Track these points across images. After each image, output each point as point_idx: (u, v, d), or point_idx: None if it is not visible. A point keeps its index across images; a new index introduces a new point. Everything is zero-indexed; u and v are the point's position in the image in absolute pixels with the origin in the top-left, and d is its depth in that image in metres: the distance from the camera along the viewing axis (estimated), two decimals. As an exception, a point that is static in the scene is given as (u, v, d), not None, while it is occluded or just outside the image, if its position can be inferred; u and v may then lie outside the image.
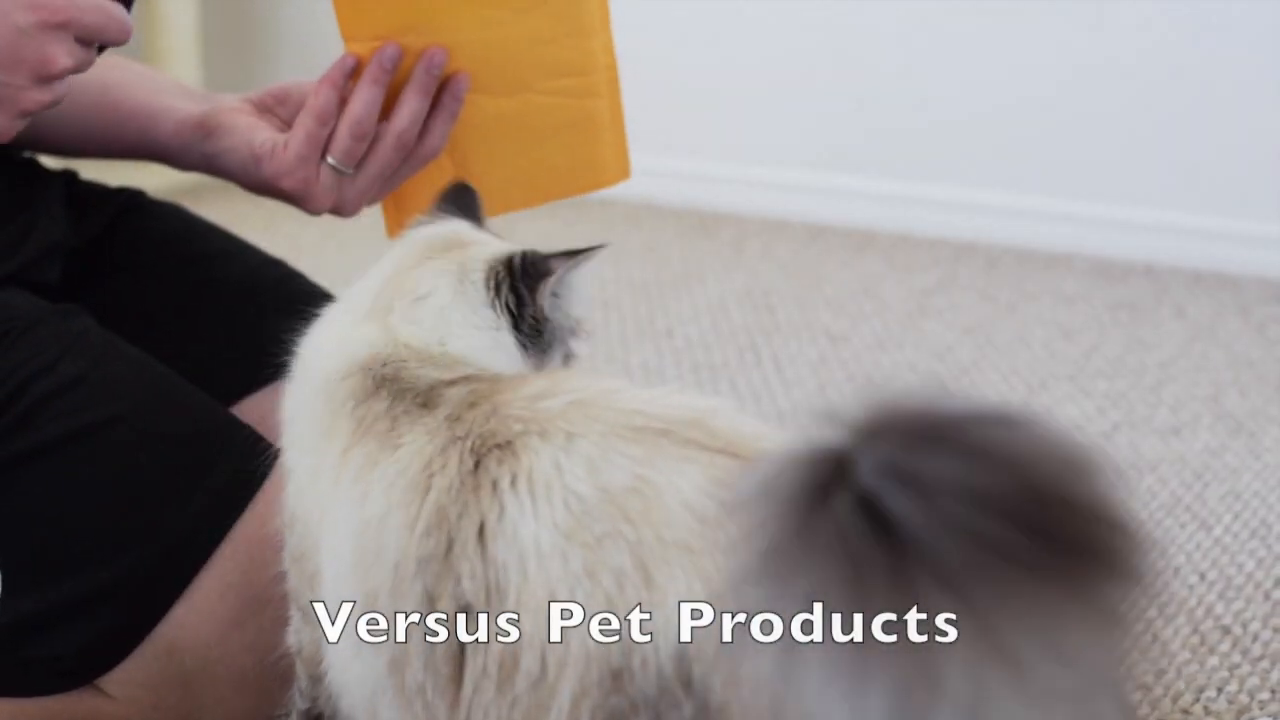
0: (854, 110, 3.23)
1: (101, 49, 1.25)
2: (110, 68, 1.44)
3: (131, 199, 1.53)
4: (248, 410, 1.48)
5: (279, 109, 1.42)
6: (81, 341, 1.29)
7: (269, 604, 1.23)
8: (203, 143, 1.41)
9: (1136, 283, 2.75)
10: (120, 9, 1.23)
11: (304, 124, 1.35)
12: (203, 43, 3.60)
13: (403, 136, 1.34)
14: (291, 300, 1.53)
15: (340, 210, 1.39)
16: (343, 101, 1.33)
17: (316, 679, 1.10)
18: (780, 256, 2.92)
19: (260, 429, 1.32)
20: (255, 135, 1.38)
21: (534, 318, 1.11)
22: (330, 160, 1.35)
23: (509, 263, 1.12)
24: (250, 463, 1.27)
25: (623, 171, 1.41)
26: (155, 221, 1.55)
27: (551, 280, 1.12)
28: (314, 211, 1.39)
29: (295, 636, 1.12)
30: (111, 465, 1.24)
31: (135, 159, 1.47)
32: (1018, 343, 2.45)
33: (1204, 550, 1.75)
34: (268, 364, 1.52)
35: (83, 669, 1.23)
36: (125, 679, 1.23)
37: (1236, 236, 2.84)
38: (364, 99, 1.33)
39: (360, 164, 1.36)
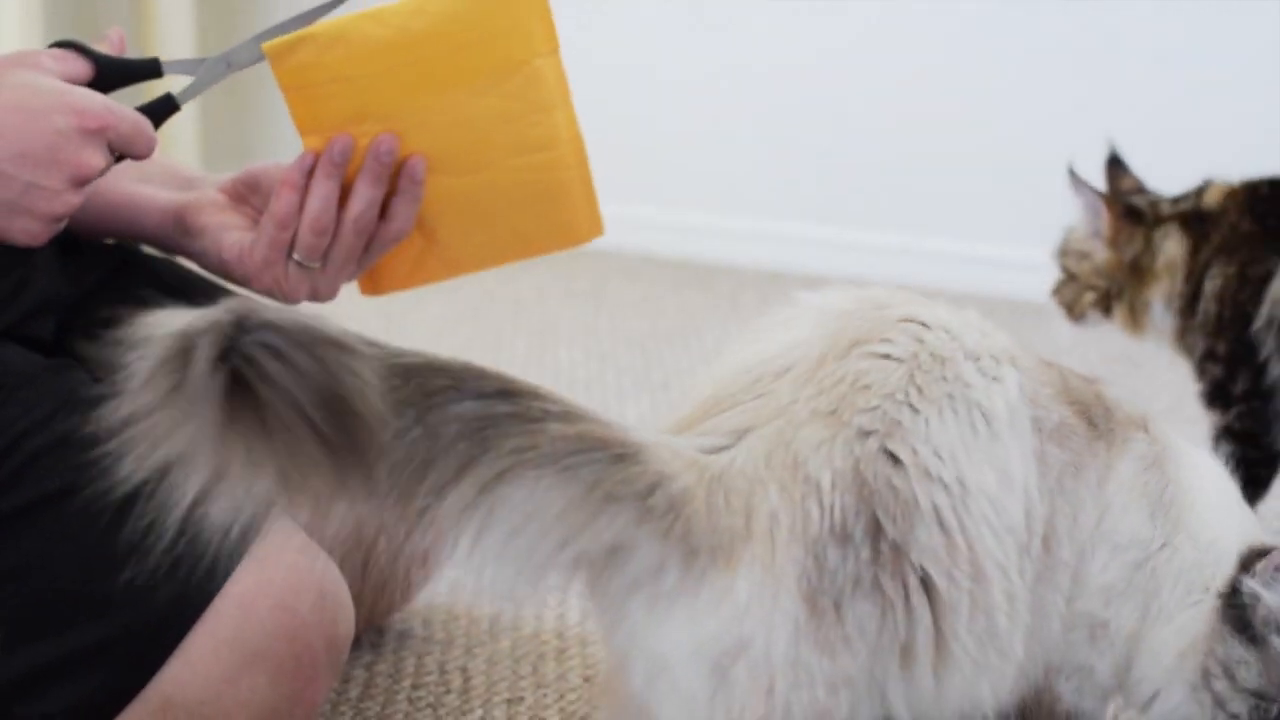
0: (851, 164, 3.24)
1: (119, 159, 1.28)
2: None
3: (128, 254, 1.53)
4: (242, 465, 1.48)
5: (252, 198, 1.43)
6: (75, 397, 1.29)
7: (264, 659, 1.23)
8: (181, 238, 1.42)
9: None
10: (148, 124, 1.28)
11: (266, 230, 1.36)
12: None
13: (359, 223, 1.34)
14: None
15: (317, 297, 1.39)
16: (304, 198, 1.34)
17: None
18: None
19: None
20: (225, 237, 1.39)
21: None
22: (296, 258, 1.36)
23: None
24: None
25: (594, 228, 1.39)
26: (151, 276, 1.55)
27: None
28: (290, 303, 1.38)
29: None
30: (104, 522, 1.23)
31: (126, 241, 1.48)
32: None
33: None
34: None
35: (74, 726, 1.22)
36: (118, 736, 1.22)
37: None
38: (319, 195, 1.33)
39: (326, 255, 1.36)
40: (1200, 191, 1.84)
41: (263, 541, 1.25)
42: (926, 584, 1.07)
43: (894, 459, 1.06)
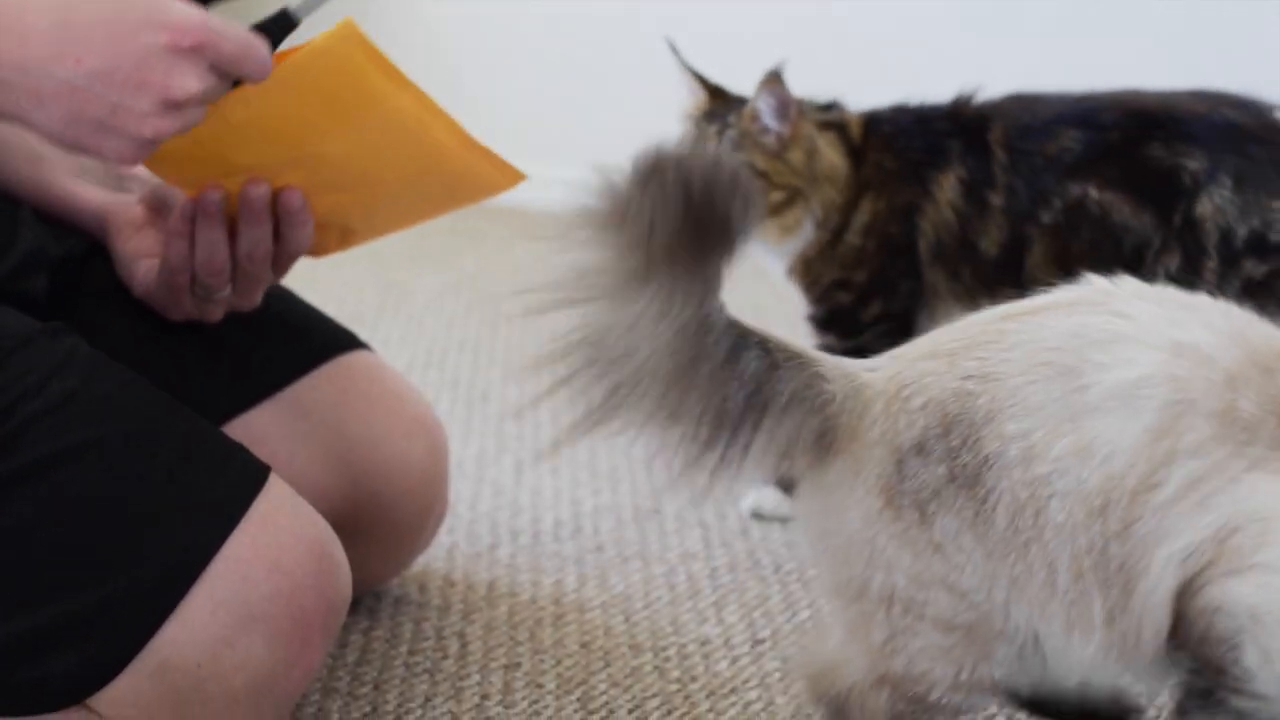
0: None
1: (237, 84, 1.21)
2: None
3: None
4: (238, 429, 1.48)
5: (159, 219, 1.42)
6: (70, 360, 1.28)
7: (260, 622, 1.22)
8: (106, 239, 1.43)
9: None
10: (262, 45, 1.19)
11: (163, 275, 1.38)
12: None
13: (253, 257, 1.35)
14: (285, 318, 1.54)
15: (239, 310, 1.41)
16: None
17: None
18: (772, 275, 2.92)
19: (251, 447, 1.31)
20: (136, 268, 1.42)
21: None
22: (199, 294, 1.38)
23: None
24: (242, 481, 1.26)
25: (510, 176, 1.36)
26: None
27: None
28: (213, 322, 1.43)
29: None
30: (101, 484, 1.23)
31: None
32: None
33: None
34: (258, 383, 1.52)
35: (73, 689, 1.22)
36: (116, 698, 1.22)
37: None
38: (204, 243, 1.34)
39: (232, 283, 1.38)
40: (844, 122, 1.87)
41: (259, 504, 1.25)
42: (991, 520, 1.14)
43: (978, 401, 1.15)
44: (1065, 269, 1.75)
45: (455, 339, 2.64)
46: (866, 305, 1.84)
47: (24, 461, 1.22)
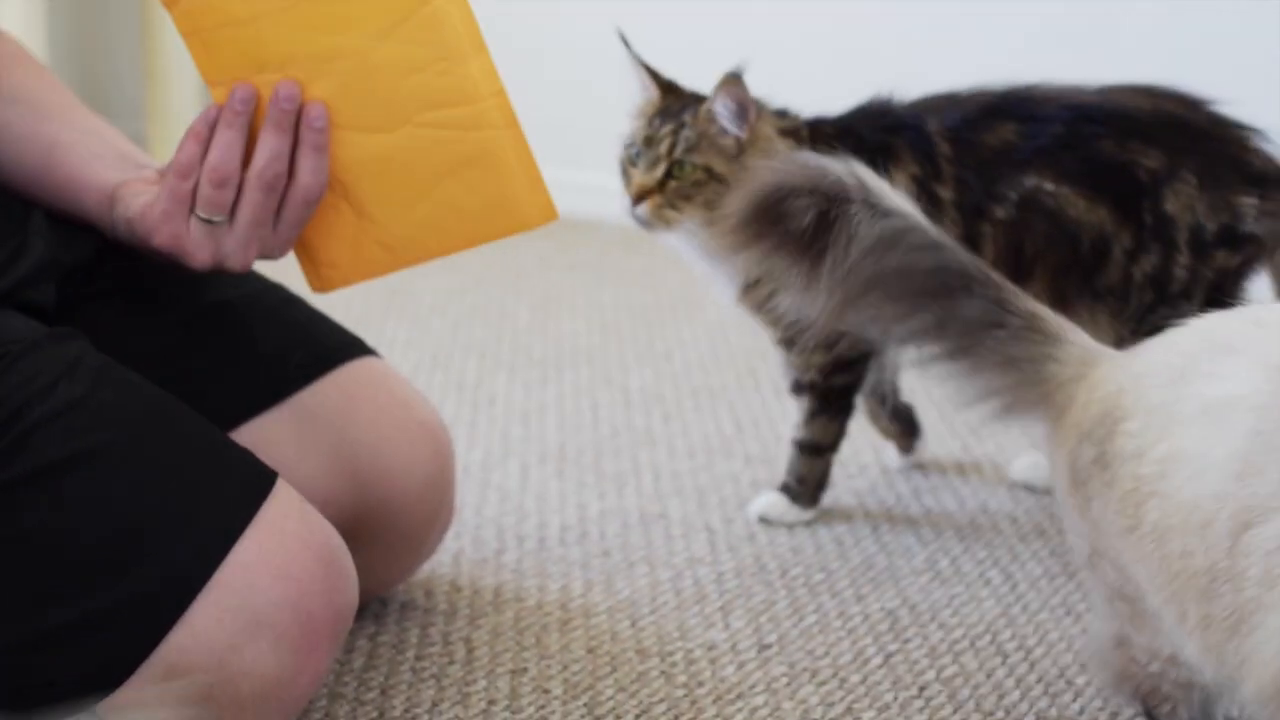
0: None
1: None
2: (61, 123, 1.43)
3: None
4: (246, 435, 1.48)
5: None
6: (78, 365, 1.28)
7: (268, 628, 1.22)
8: (110, 213, 1.39)
9: None
10: None
11: (167, 180, 1.33)
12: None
13: (264, 176, 1.31)
14: (293, 325, 1.54)
15: (225, 262, 1.35)
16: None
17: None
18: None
19: (259, 453, 1.31)
20: (138, 199, 1.36)
21: None
22: (199, 213, 1.33)
23: None
24: (249, 487, 1.26)
25: (545, 212, 1.33)
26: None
27: None
28: (196, 267, 1.35)
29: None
30: (108, 489, 1.23)
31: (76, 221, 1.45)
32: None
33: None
34: (267, 389, 1.52)
35: (80, 694, 1.22)
36: (123, 704, 1.22)
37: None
38: (220, 144, 1.31)
39: (232, 213, 1.33)
40: (798, 129, 1.82)
41: (266, 510, 1.25)
42: (1117, 506, 1.20)
43: (1124, 399, 1.21)
44: (1019, 267, 1.76)
45: (461, 342, 2.64)
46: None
47: (31, 466, 1.22)
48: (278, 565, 1.23)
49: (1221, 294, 1.77)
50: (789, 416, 1.90)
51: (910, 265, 1.29)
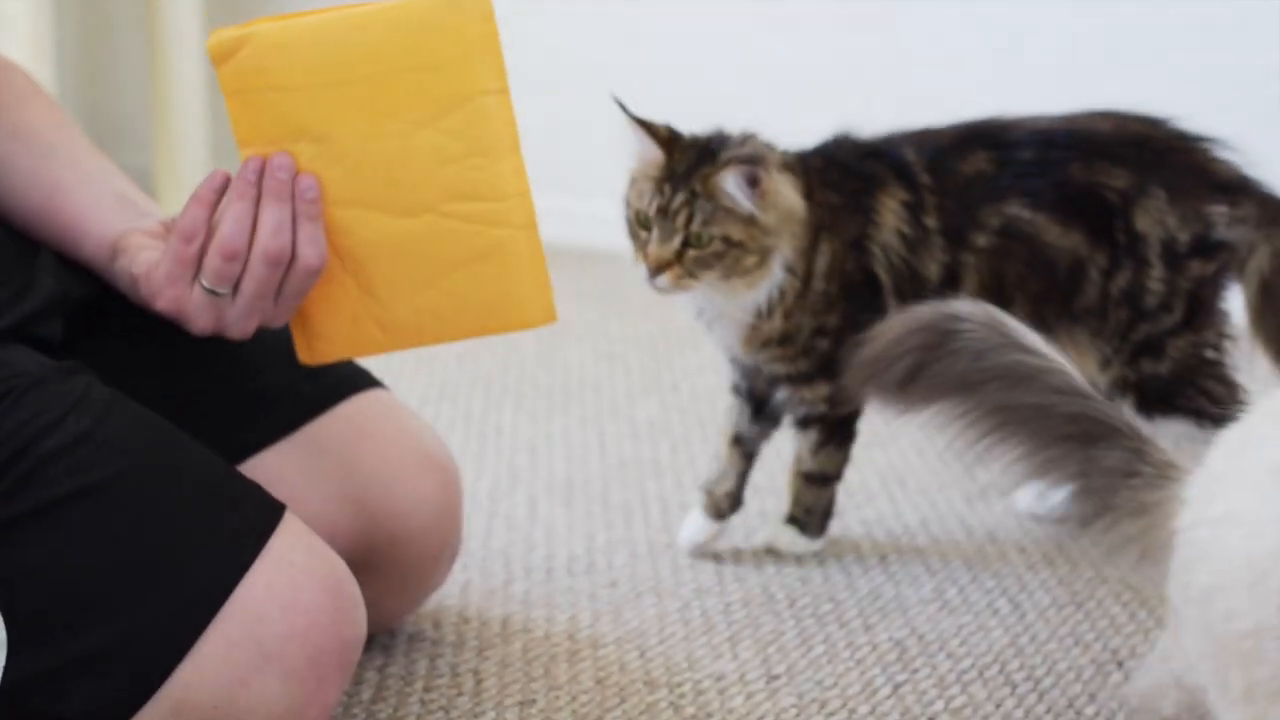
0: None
1: None
2: (65, 163, 1.43)
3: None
4: (254, 468, 1.48)
5: None
6: (86, 399, 1.29)
7: (276, 661, 1.22)
8: (111, 265, 1.39)
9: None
10: None
11: (171, 244, 1.31)
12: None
13: (269, 251, 1.29)
14: (297, 359, 1.54)
15: (226, 332, 1.34)
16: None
17: None
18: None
19: (267, 487, 1.31)
20: (141, 255, 1.35)
21: None
22: (203, 282, 1.31)
23: None
24: (257, 520, 1.26)
25: (546, 313, 1.34)
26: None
27: None
28: (195, 332, 1.34)
29: None
30: (117, 523, 1.23)
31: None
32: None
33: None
34: (274, 421, 1.53)
35: (87, 728, 1.22)
36: (131, 739, 1.22)
37: None
38: (230, 216, 1.29)
39: (236, 285, 1.31)
40: (794, 163, 1.79)
41: (274, 543, 1.25)
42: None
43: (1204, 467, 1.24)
44: (999, 298, 1.77)
45: (468, 373, 2.64)
46: (842, 346, 1.78)
47: (39, 500, 1.22)
48: (286, 598, 1.24)
49: (1200, 303, 1.80)
50: (795, 446, 1.90)
51: (1050, 407, 1.31)
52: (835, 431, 1.86)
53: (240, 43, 1.26)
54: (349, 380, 1.57)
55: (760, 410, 1.88)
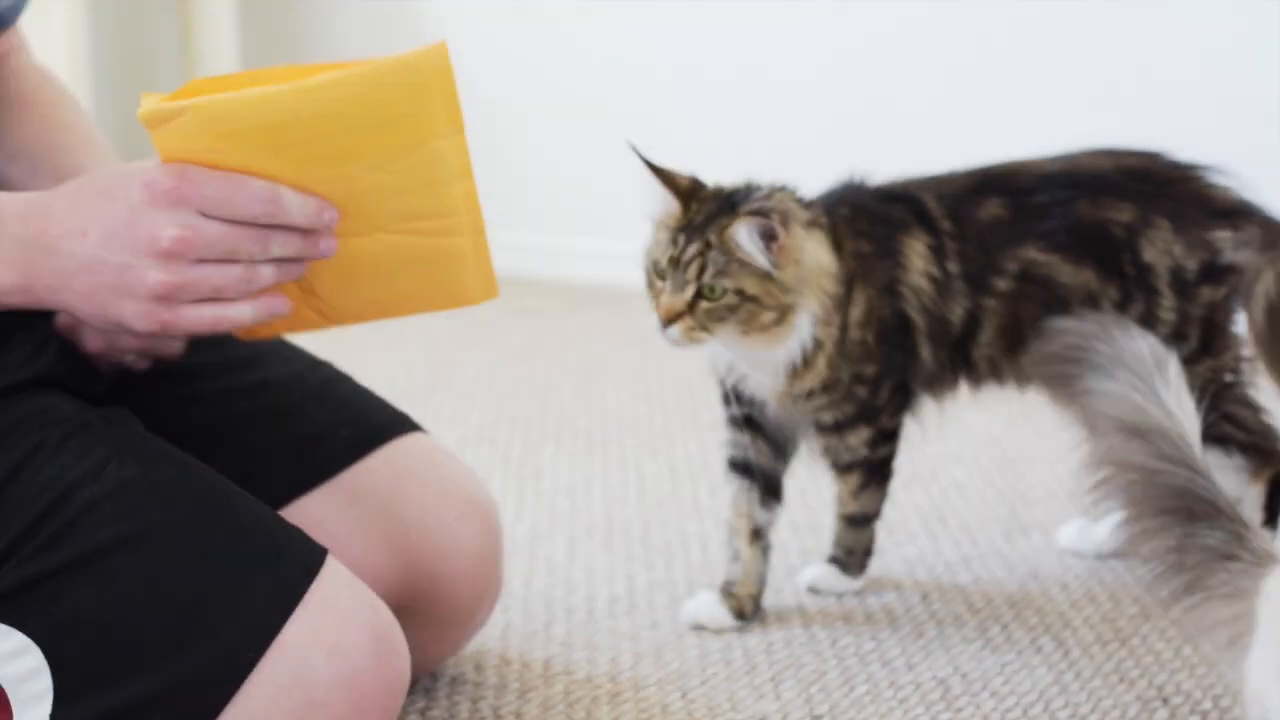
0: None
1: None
2: (74, 151, 1.47)
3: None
4: (295, 513, 1.48)
5: None
6: (128, 446, 1.29)
7: (321, 707, 1.23)
8: None
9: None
10: (252, 183, 1.23)
11: None
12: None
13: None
14: (340, 402, 1.54)
15: (117, 355, 1.39)
16: None
17: None
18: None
19: (309, 531, 1.32)
20: None
21: None
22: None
23: None
24: (300, 565, 1.27)
25: (487, 290, 1.35)
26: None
27: None
28: (86, 349, 1.38)
29: None
30: (159, 570, 1.24)
31: None
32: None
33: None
34: (315, 467, 1.53)
35: (134, 777, 1.23)
36: (177, 787, 1.22)
37: None
38: None
39: None
40: (820, 218, 1.77)
41: (317, 588, 1.26)
42: None
43: None
44: (1015, 341, 1.79)
45: (506, 415, 2.65)
46: (879, 391, 1.81)
47: (81, 548, 1.23)
48: (330, 643, 1.24)
49: (1215, 328, 1.81)
50: (831, 486, 1.89)
51: (1157, 474, 1.33)
52: (875, 473, 1.86)
53: (175, 114, 1.22)
54: (390, 425, 1.57)
55: (767, 487, 1.84)
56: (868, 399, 1.80)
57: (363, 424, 1.55)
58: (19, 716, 1.21)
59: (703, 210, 1.71)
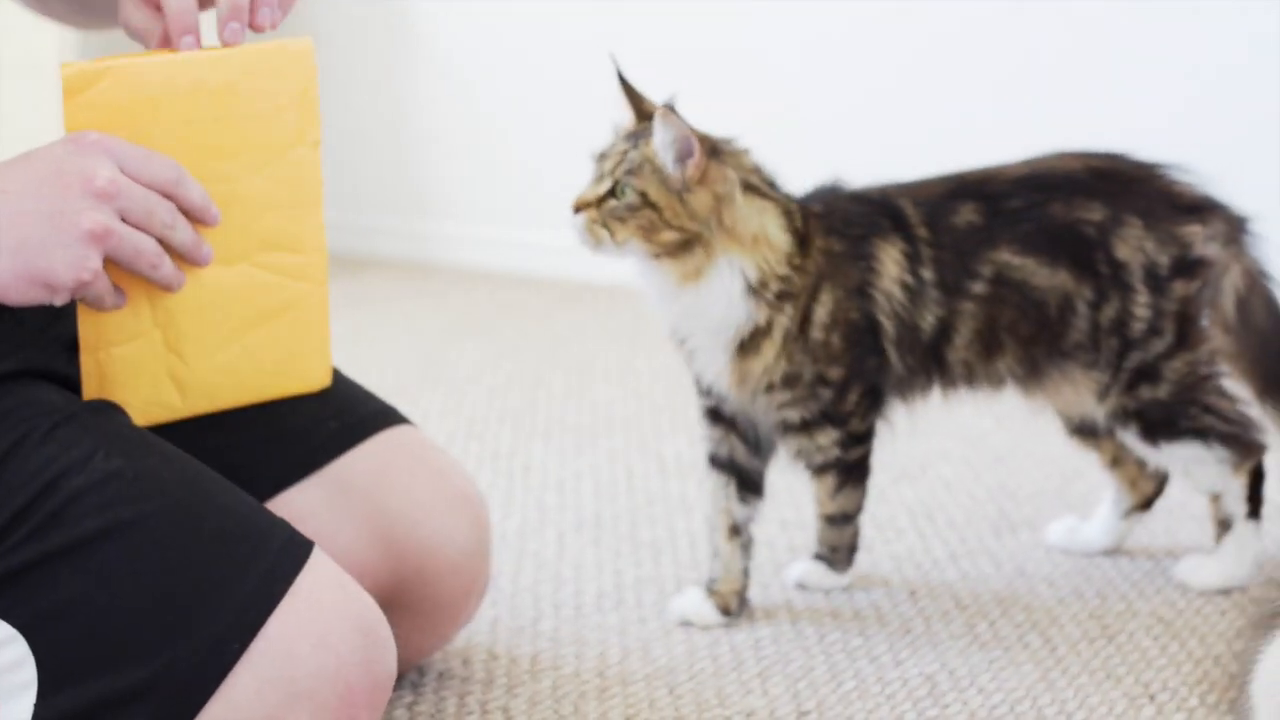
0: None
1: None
2: None
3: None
4: (282, 505, 1.48)
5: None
6: (116, 436, 1.29)
7: (306, 699, 1.22)
8: None
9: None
10: (163, 155, 1.25)
11: None
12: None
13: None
14: (327, 394, 1.54)
15: None
16: None
17: None
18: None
19: (295, 524, 1.31)
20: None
21: None
22: None
23: None
24: (286, 557, 1.26)
25: (324, 377, 1.41)
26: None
27: None
28: None
29: None
30: (146, 561, 1.23)
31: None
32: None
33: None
34: (302, 459, 1.53)
35: (118, 768, 1.22)
36: (161, 778, 1.22)
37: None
38: None
39: None
40: (791, 207, 1.77)
41: (303, 580, 1.25)
42: None
43: None
44: (991, 345, 1.80)
45: (495, 410, 2.64)
46: (847, 395, 1.79)
47: (67, 538, 1.23)
48: (316, 635, 1.24)
49: (1189, 321, 1.82)
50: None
51: None
52: (851, 473, 1.85)
53: (98, 76, 1.26)
54: (377, 417, 1.57)
55: (745, 482, 1.83)
56: (833, 401, 1.78)
57: (350, 416, 1.55)
58: (2, 707, 1.21)
59: (649, 125, 1.72)
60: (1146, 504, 1.98)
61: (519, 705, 1.60)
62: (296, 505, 1.48)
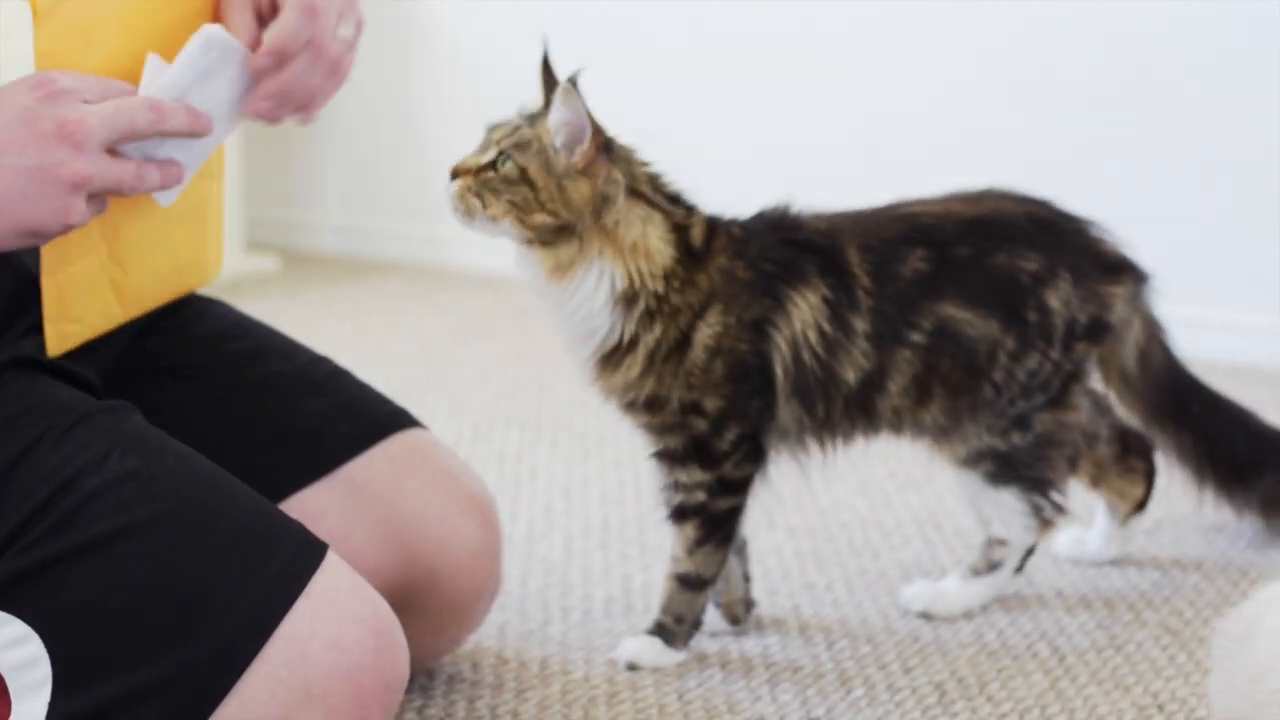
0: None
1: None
2: None
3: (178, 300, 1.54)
4: (295, 507, 1.48)
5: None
6: (131, 437, 1.29)
7: (319, 700, 1.22)
8: None
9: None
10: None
11: None
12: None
13: None
14: (340, 397, 1.55)
15: None
16: None
17: None
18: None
19: (309, 525, 1.32)
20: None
21: None
22: None
23: None
24: (300, 558, 1.27)
25: (219, 266, 1.51)
26: (203, 318, 1.56)
27: None
28: None
29: None
30: (161, 562, 1.24)
31: None
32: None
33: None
34: (315, 461, 1.53)
35: (132, 767, 1.22)
36: (175, 777, 1.22)
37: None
38: None
39: None
40: (688, 221, 1.69)
41: (317, 581, 1.26)
42: None
43: None
44: (924, 394, 1.75)
45: (502, 414, 2.65)
46: (723, 432, 1.69)
47: (82, 538, 1.23)
48: (329, 636, 1.24)
49: (1074, 382, 1.81)
50: (827, 490, 1.89)
51: None
52: (715, 528, 1.71)
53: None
54: (390, 419, 1.57)
55: None
56: (707, 435, 1.69)
57: (363, 418, 1.55)
58: (18, 705, 1.21)
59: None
60: (1140, 506, 1.97)
61: (528, 710, 1.61)
62: (309, 507, 1.49)
